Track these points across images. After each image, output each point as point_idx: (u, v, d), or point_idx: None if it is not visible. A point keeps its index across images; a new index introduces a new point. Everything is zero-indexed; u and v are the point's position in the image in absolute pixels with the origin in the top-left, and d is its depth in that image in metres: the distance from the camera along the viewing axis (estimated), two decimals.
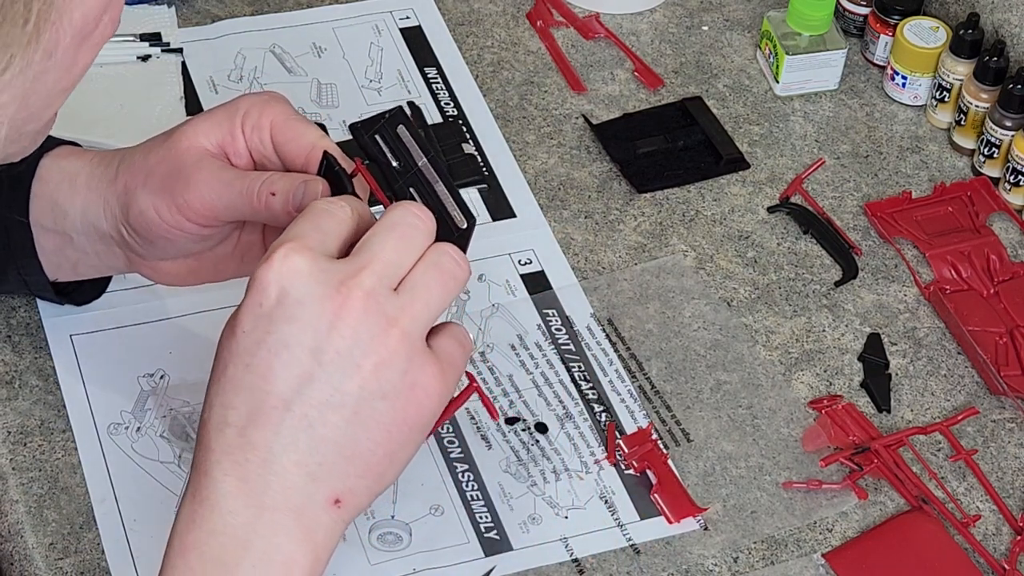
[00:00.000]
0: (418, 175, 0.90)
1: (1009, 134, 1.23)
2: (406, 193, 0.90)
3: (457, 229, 0.88)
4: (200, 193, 0.93)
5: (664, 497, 1.03)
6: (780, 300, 1.16)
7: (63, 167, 1.00)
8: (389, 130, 0.92)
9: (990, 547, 1.03)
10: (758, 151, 1.27)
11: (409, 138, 0.91)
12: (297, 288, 0.80)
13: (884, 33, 1.32)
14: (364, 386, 0.81)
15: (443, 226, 0.87)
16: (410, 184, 0.90)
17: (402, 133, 0.92)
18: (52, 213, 1.00)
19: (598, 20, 1.36)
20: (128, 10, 1.32)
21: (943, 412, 1.10)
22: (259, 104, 0.95)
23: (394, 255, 0.83)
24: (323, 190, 0.91)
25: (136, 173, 0.96)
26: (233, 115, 0.95)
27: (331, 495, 0.82)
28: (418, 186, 0.90)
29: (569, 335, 1.13)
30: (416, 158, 0.91)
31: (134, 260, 1.00)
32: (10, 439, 1.04)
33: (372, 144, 0.92)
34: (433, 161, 0.90)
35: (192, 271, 1.00)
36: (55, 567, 0.98)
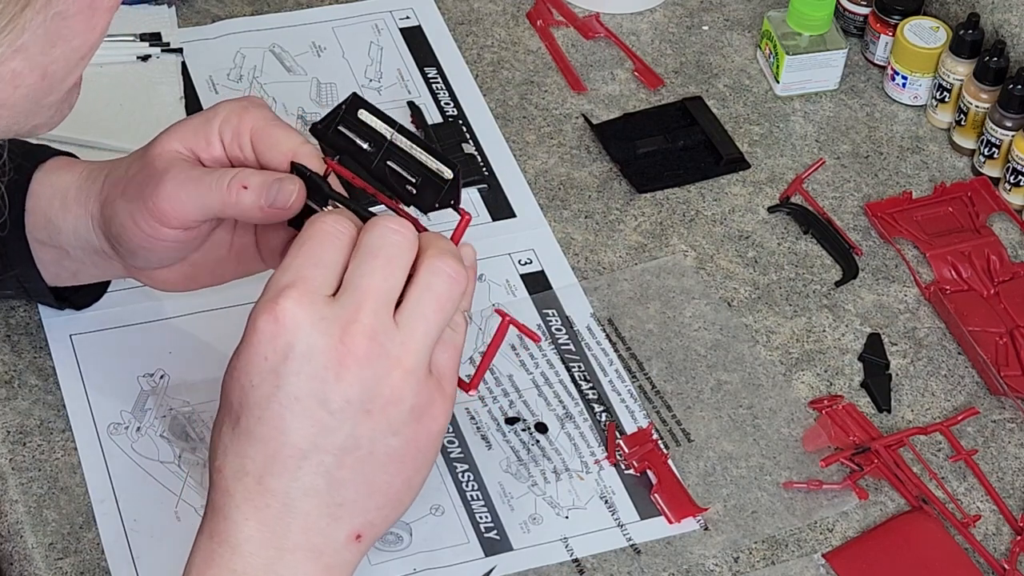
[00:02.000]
0: (392, 148, 0.91)
1: (1009, 134, 1.23)
2: (384, 169, 0.90)
3: (443, 182, 0.89)
4: (168, 192, 0.92)
5: (664, 497, 1.03)
6: (780, 300, 1.16)
7: (54, 182, 1.00)
8: (351, 118, 0.92)
9: (990, 547, 1.03)
10: (758, 151, 1.27)
11: (372, 118, 0.91)
12: (301, 342, 0.80)
13: (884, 33, 1.32)
14: (376, 427, 0.81)
15: (431, 186, 0.89)
16: (386, 159, 0.90)
17: (364, 116, 0.91)
18: (46, 229, 1.00)
19: (598, 20, 1.36)
20: (128, 10, 1.32)
21: (943, 412, 1.10)
22: (238, 111, 0.95)
23: (384, 282, 0.82)
24: (299, 189, 0.91)
25: (116, 184, 0.96)
26: (210, 121, 0.95)
27: (352, 532, 0.82)
28: (394, 157, 0.90)
29: (569, 335, 1.12)
30: (385, 133, 0.91)
31: (130, 268, 1.00)
32: (10, 439, 1.04)
33: (338, 137, 0.92)
34: (401, 130, 0.90)
35: (189, 277, 1.00)
36: (55, 567, 0.98)
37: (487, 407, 1.08)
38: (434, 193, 0.89)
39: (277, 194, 0.91)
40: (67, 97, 0.80)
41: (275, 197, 0.91)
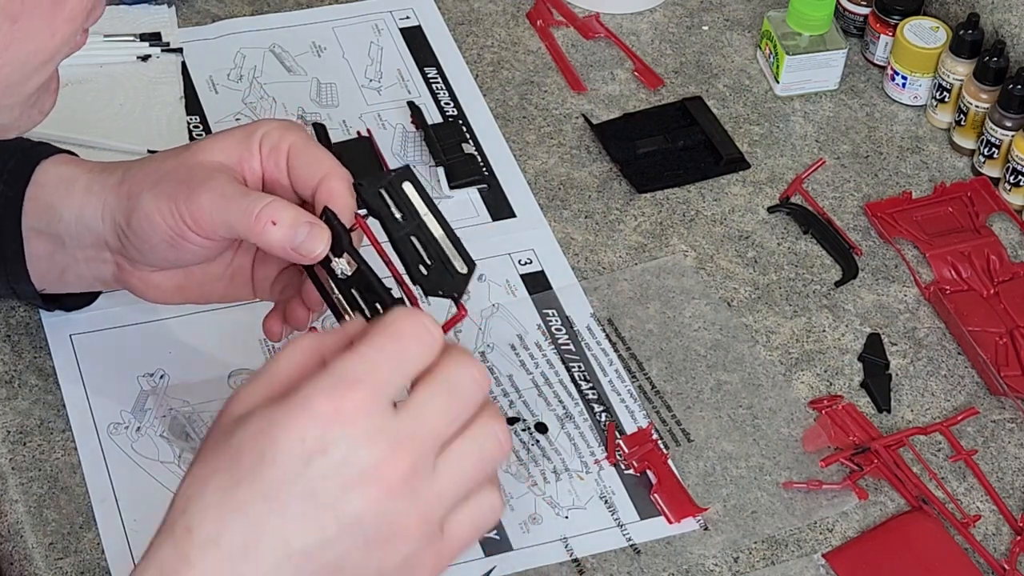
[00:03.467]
0: (421, 226, 0.92)
1: (1009, 134, 1.23)
2: (407, 242, 0.92)
3: (457, 273, 0.90)
4: (201, 204, 0.93)
5: (664, 497, 1.03)
6: (780, 300, 1.16)
7: (61, 172, 1.00)
8: (396, 186, 0.93)
9: (990, 547, 1.03)
10: (758, 151, 1.27)
11: (414, 193, 0.93)
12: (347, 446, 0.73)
13: (884, 33, 1.32)
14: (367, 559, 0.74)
15: (442, 272, 0.91)
16: (412, 233, 0.92)
17: (407, 188, 0.93)
18: (46, 215, 1.00)
19: (598, 20, 1.36)
20: (128, 10, 1.32)
21: (943, 412, 1.10)
22: (279, 128, 0.96)
23: (446, 425, 0.76)
24: (327, 241, 0.91)
25: (145, 178, 0.96)
26: (252, 134, 0.96)
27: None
28: (420, 236, 0.92)
29: (569, 335, 1.13)
30: (420, 212, 0.93)
31: (124, 269, 1.00)
32: (10, 439, 1.04)
33: (376, 198, 0.94)
34: (436, 214, 0.92)
35: (180, 287, 1.00)
36: (55, 567, 0.98)
37: None
38: (443, 281, 0.90)
39: (304, 240, 0.91)
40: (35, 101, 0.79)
41: (301, 242, 0.91)
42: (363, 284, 0.92)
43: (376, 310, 0.91)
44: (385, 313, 0.85)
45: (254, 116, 1.26)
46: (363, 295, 0.93)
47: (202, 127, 1.24)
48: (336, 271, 0.93)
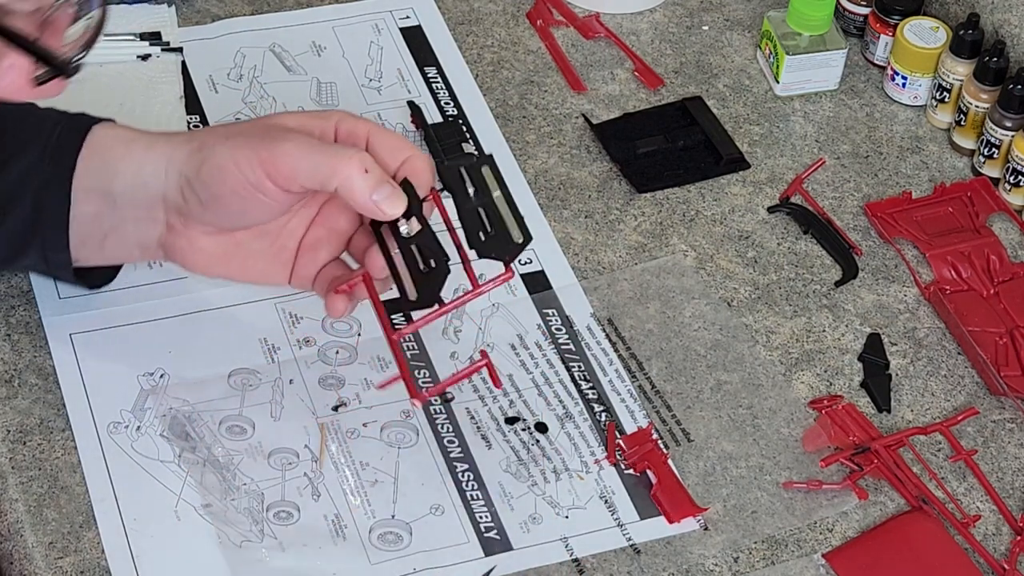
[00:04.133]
0: (488, 203, 0.98)
1: (1009, 134, 1.23)
2: (474, 212, 0.98)
3: (512, 243, 0.97)
4: (288, 149, 0.95)
5: (664, 497, 1.03)
6: (780, 300, 1.16)
7: (118, 133, 1.02)
8: (476, 168, 1.00)
9: (990, 547, 1.03)
10: (758, 151, 1.27)
11: (491, 177, 0.99)
12: None
13: (884, 33, 1.32)
14: None
15: (499, 240, 0.97)
16: (480, 205, 0.98)
17: (485, 172, 1.00)
18: (100, 173, 1.00)
19: (598, 20, 1.36)
20: (128, 9, 1.32)
21: (943, 412, 1.10)
22: (354, 116, 1.00)
23: None
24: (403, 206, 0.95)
25: (217, 134, 0.99)
26: (327, 118, 0.99)
27: None
28: (488, 209, 0.98)
29: (569, 335, 1.12)
30: (492, 190, 0.99)
31: (174, 230, 1.00)
32: (10, 438, 1.04)
33: (454, 175, 1.00)
34: (507, 195, 0.99)
35: (224, 255, 1.01)
36: (55, 566, 0.98)
37: (487, 407, 1.08)
38: (499, 247, 0.97)
39: (388, 196, 0.95)
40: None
41: (385, 197, 0.95)
42: (423, 242, 0.97)
43: (429, 264, 0.97)
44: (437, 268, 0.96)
45: (254, 115, 1.26)
46: (420, 251, 0.97)
47: (202, 126, 1.24)
48: (401, 230, 0.97)
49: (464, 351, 1.11)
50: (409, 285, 0.98)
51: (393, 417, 1.06)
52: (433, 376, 1.09)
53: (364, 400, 1.07)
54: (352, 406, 1.07)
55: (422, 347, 1.11)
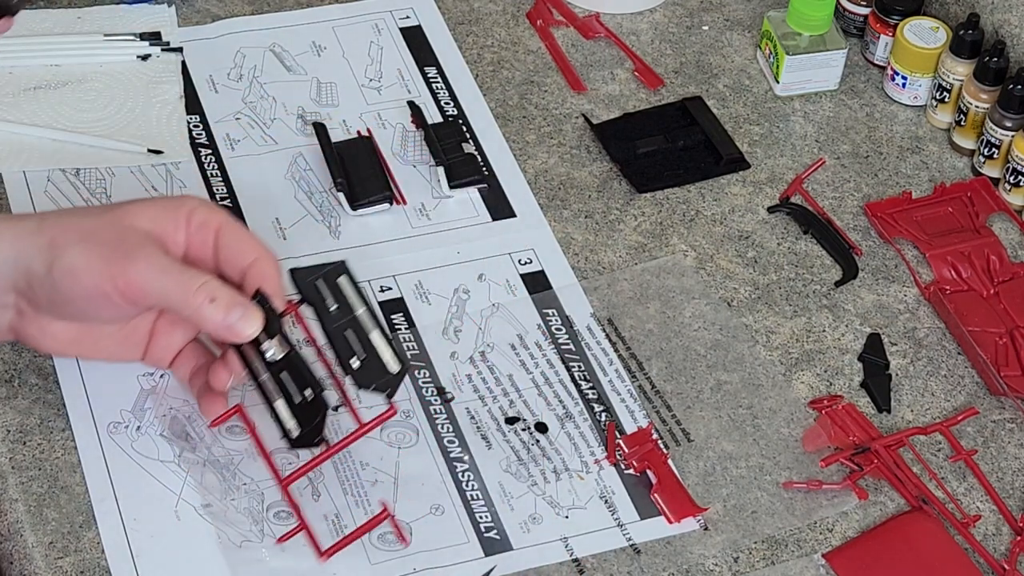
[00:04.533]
0: (354, 321, 0.97)
1: (1009, 134, 1.23)
2: (341, 335, 0.96)
3: (388, 373, 0.95)
4: (139, 270, 0.95)
5: (664, 497, 1.03)
6: (780, 300, 1.16)
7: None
8: (331, 278, 0.98)
9: (990, 547, 1.03)
10: (758, 151, 1.27)
11: (350, 288, 0.98)
12: None
13: (884, 33, 1.32)
14: None
15: (375, 368, 0.95)
16: (346, 328, 0.97)
17: (343, 282, 0.98)
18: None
19: (598, 20, 1.36)
20: (128, 9, 1.32)
21: (943, 412, 1.10)
22: (206, 206, 0.99)
23: None
24: (260, 323, 0.95)
25: (69, 230, 0.97)
26: (179, 207, 0.99)
27: None
28: (354, 330, 0.97)
29: (569, 335, 1.12)
30: (355, 307, 0.97)
31: (24, 315, 1.00)
32: (10, 438, 1.04)
33: (311, 288, 0.98)
34: (369, 311, 0.97)
35: (75, 340, 1.01)
36: (55, 566, 0.98)
37: (487, 407, 1.08)
38: (375, 376, 0.96)
39: (239, 319, 0.95)
40: None
41: (236, 321, 0.95)
42: (292, 369, 0.96)
43: (304, 396, 0.95)
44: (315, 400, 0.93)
45: (254, 115, 1.26)
46: (293, 378, 0.96)
47: (202, 126, 1.24)
48: (266, 353, 0.96)
49: (464, 351, 1.11)
50: (289, 419, 0.97)
51: (393, 417, 1.06)
52: (433, 376, 1.09)
53: (364, 400, 1.07)
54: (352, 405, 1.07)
55: (422, 347, 1.11)
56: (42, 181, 1.18)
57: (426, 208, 1.20)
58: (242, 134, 1.24)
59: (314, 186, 1.21)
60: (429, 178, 1.22)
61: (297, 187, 1.21)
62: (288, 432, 0.97)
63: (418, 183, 1.22)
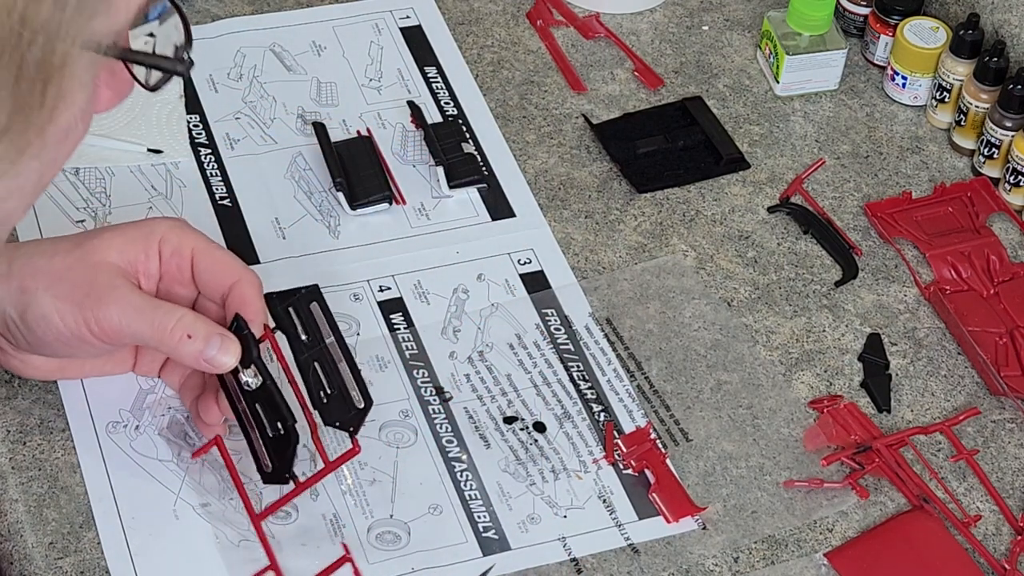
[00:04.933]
0: (323, 352, 0.97)
1: (1009, 134, 1.23)
2: (310, 367, 0.96)
3: (354, 408, 0.95)
4: (110, 314, 0.95)
5: (662, 497, 1.03)
6: (780, 300, 1.16)
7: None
8: (303, 305, 0.98)
9: (990, 547, 1.03)
10: (758, 151, 1.27)
11: (320, 316, 0.98)
12: None
13: (884, 33, 1.32)
14: None
15: (341, 404, 0.95)
16: (315, 359, 0.97)
17: (314, 310, 0.98)
18: None
19: (598, 20, 1.36)
20: None
21: (943, 412, 1.10)
22: (177, 229, 0.98)
23: None
24: (235, 357, 0.95)
25: (38, 275, 0.96)
26: (150, 235, 0.98)
27: None
28: (322, 362, 0.97)
29: (568, 335, 1.12)
30: (324, 336, 0.97)
31: (4, 351, 1.00)
32: (9, 438, 1.04)
33: (284, 315, 0.98)
34: (339, 341, 0.97)
35: (60, 368, 1.02)
36: (55, 566, 0.98)
37: (485, 406, 1.08)
38: (340, 413, 0.96)
39: (217, 351, 0.95)
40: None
41: (214, 354, 0.95)
42: (266, 400, 0.96)
43: (277, 428, 0.96)
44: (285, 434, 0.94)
45: (254, 115, 1.26)
46: (265, 411, 0.96)
47: (202, 126, 1.24)
48: (242, 382, 0.97)
49: (463, 351, 1.11)
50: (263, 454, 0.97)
51: (391, 417, 1.06)
52: (431, 375, 1.09)
53: None
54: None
55: (421, 347, 1.11)
56: None
57: (425, 208, 1.20)
58: (242, 134, 1.24)
59: (314, 186, 1.21)
60: (429, 178, 1.22)
61: (297, 187, 1.21)
62: (263, 467, 0.98)
63: (418, 183, 1.22)
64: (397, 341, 1.11)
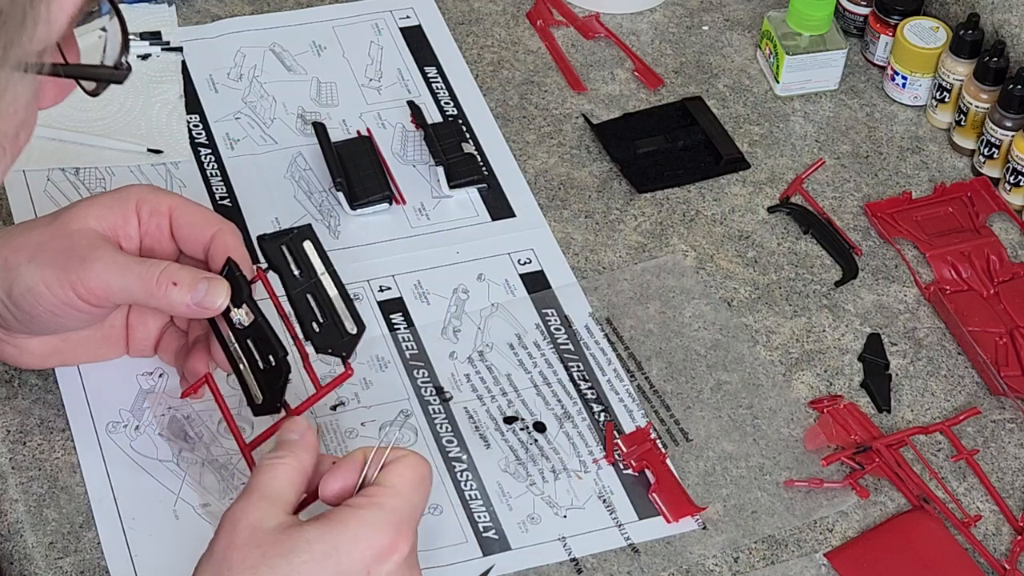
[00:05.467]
0: (316, 284, 0.97)
1: (1009, 134, 1.23)
2: (303, 299, 0.97)
3: (347, 334, 0.95)
4: (97, 273, 0.95)
5: (662, 496, 1.03)
6: (780, 300, 1.16)
7: None
8: (297, 243, 0.98)
9: (990, 547, 1.03)
10: (758, 151, 1.27)
11: (313, 252, 0.98)
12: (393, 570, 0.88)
13: (884, 33, 1.32)
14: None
15: (333, 331, 0.96)
16: (308, 291, 0.97)
17: (307, 247, 0.98)
18: None
19: (598, 20, 1.36)
20: (128, 9, 1.32)
21: (943, 412, 1.10)
22: (155, 191, 0.99)
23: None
24: (227, 292, 0.96)
25: (19, 248, 0.96)
26: (126, 200, 0.98)
27: None
28: (315, 294, 0.97)
29: (568, 335, 1.12)
30: (317, 270, 0.98)
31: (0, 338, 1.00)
32: (10, 438, 1.04)
33: (277, 253, 0.99)
34: (332, 274, 0.97)
35: (56, 351, 1.02)
36: (55, 566, 0.98)
37: (485, 406, 1.08)
38: (333, 340, 0.96)
39: (205, 294, 0.95)
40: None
41: (203, 297, 0.95)
42: (258, 335, 0.96)
43: (268, 361, 0.96)
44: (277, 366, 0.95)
45: (254, 115, 1.26)
46: (257, 346, 0.97)
47: (202, 126, 1.24)
48: (234, 321, 0.97)
49: (463, 351, 1.11)
50: (254, 386, 0.98)
51: (392, 417, 1.06)
52: (431, 375, 1.09)
53: (363, 399, 1.07)
54: (351, 405, 1.07)
55: (421, 347, 1.11)
56: (42, 180, 1.19)
57: (425, 208, 1.20)
58: (242, 134, 1.24)
59: (314, 186, 1.21)
60: (429, 178, 1.22)
61: (297, 187, 1.21)
62: (253, 399, 0.98)
63: (418, 183, 1.22)
64: (397, 341, 1.11)
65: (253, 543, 0.84)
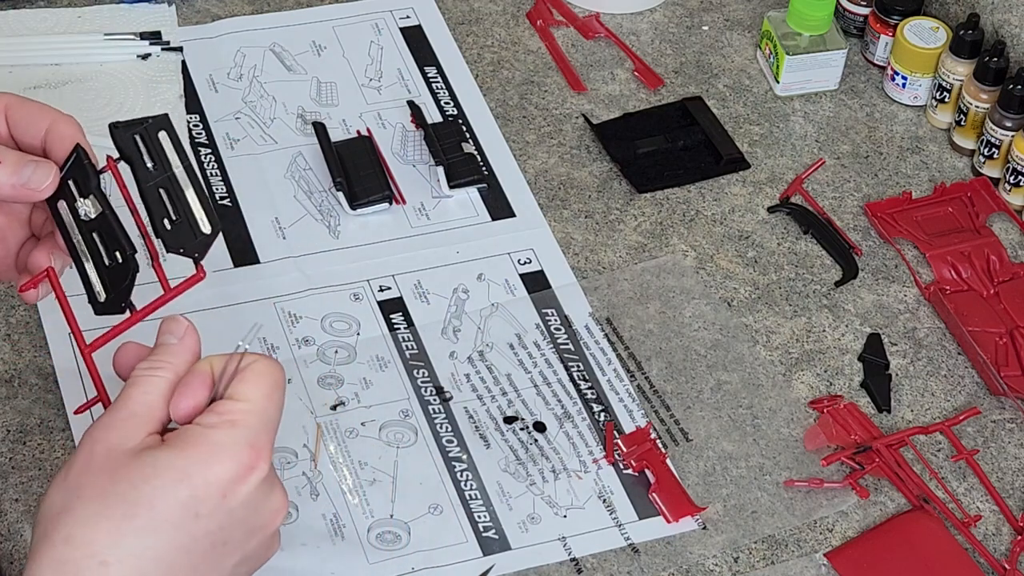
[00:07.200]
0: (171, 179, 0.91)
1: (1009, 134, 1.23)
2: (155, 193, 0.91)
3: (200, 234, 0.90)
4: None
5: (662, 496, 1.03)
6: (780, 300, 1.16)
7: None
8: (151, 134, 0.93)
9: (990, 547, 1.03)
10: (758, 151, 1.27)
11: (169, 145, 0.92)
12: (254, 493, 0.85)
13: (884, 33, 1.32)
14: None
15: (187, 230, 0.90)
16: (161, 186, 0.91)
17: (163, 139, 0.93)
18: None
19: (598, 20, 1.36)
20: (128, 9, 1.32)
21: (943, 412, 1.10)
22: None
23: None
24: (54, 175, 0.91)
25: None
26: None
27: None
28: (169, 189, 0.91)
29: (568, 334, 1.12)
30: (172, 164, 0.92)
31: None
32: (10, 438, 1.04)
33: (130, 143, 0.93)
34: (188, 169, 0.92)
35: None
36: None
37: (485, 406, 1.08)
38: (186, 238, 0.90)
39: (32, 175, 0.91)
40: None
41: (29, 177, 0.91)
42: (105, 229, 0.91)
43: (115, 258, 0.91)
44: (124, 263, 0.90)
45: (254, 115, 1.26)
46: (104, 241, 0.91)
47: (202, 126, 1.24)
48: (80, 212, 0.92)
49: (463, 351, 1.11)
50: (97, 283, 0.93)
51: (392, 416, 1.06)
52: (431, 375, 1.09)
53: (363, 399, 1.07)
54: (351, 405, 1.07)
55: (421, 346, 1.11)
56: None
57: (425, 208, 1.20)
58: (242, 133, 1.24)
59: (314, 185, 1.21)
60: (429, 178, 1.22)
61: (297, 186, 1.21)
62: (95, 296, 0.93)
63: (418, 183, 1.22)
64: (397, 341, 1.11)
65: (107, 468, 0.81)
